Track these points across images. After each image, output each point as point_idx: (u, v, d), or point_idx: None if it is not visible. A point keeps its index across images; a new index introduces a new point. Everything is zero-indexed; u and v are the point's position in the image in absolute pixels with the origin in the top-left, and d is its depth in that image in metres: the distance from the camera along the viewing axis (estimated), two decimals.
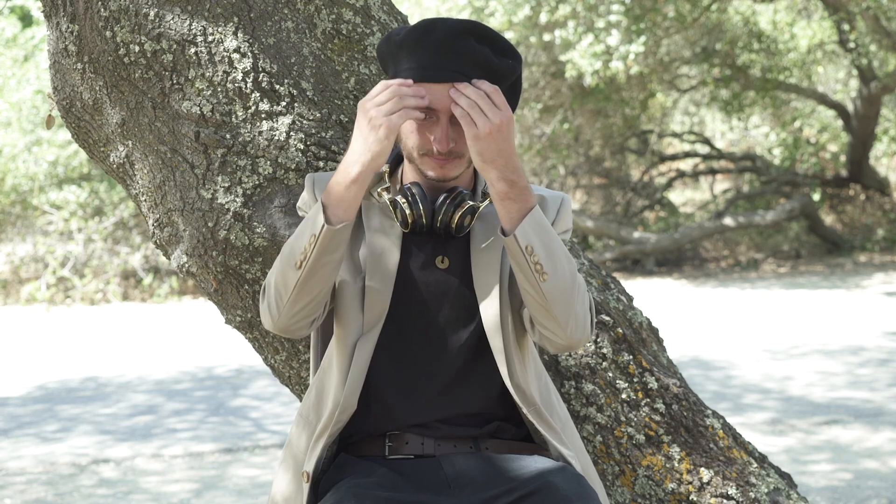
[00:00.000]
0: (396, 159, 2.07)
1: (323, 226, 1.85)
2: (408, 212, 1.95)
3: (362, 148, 1.84)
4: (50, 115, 2.73)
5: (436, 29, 1.86)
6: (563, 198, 2.08)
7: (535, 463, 1.94)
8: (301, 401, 2.30)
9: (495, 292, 1.96)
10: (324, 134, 2.29)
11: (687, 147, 16.16)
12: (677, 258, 13.86)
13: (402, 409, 1.98)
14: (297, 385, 2.45)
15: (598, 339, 2.42)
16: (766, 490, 2.40)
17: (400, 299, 1.99)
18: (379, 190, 2.00)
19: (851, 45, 12.93)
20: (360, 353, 1.96)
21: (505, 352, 1.96)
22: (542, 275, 1.85)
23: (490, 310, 1.96)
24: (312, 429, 2.03)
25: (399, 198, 1.95)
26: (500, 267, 1.98)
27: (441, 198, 1.96)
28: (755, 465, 2.45)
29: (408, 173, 2.02)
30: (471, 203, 1.96)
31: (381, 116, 1.82)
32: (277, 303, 1.94)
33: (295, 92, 2.29)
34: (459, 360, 1.99)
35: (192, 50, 2.28)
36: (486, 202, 1.99)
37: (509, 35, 11.48)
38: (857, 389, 6.17)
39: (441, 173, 1.93)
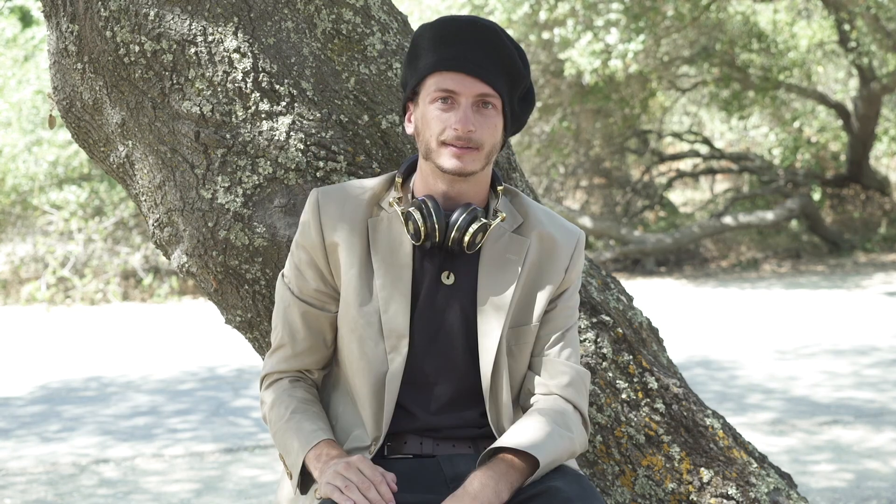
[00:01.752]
0: (408, 169, 2.04)
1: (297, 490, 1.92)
2: (421, 224, 1.91)
3: (320, 479, 1.85)
4: (51, 115, 2.73)
5: (476, 25, 1.92)
6: (578, 238, 2.04)
7: None
8: None
9: (497, 326, 1.95)
10: (324, 134, 2.29)
11: (687, 147, 16.16)
12: (677, 258, 13.86)
13: (402, 421, 1.97)
14: None
15: (598, 339, 2.42)
16: (766, 490, 2.40)
17: None
18: (391, 200, 1.97)
19: (851, 44, 12.93)
20: (390, 390, 1.94)
21: (491, 393, 1.96)
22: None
23: (489, 343, 1.95)
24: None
25: (413, 210, 1.92)
26: (509, 298, 1.95)
27: (456, 213, 1.92)
28: (755, 465, 2.45)
29: (419, 185, 1.99)
30: (484, 220, 1.93)
31: (325, 485, 1.80)
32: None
33: (295, 92, 2.29)
34: (461, 376, 1.98)
35: (192, 50, 2.28)
36: (498, 220, 1.96)
37: (508, 33, 11.48)
38: (859, 390, 6.16)
39: (459, 165, 1.89)
